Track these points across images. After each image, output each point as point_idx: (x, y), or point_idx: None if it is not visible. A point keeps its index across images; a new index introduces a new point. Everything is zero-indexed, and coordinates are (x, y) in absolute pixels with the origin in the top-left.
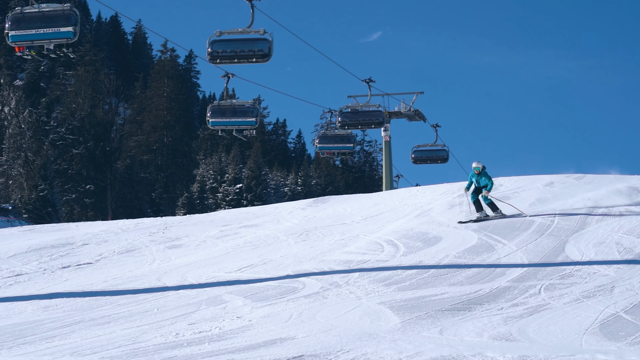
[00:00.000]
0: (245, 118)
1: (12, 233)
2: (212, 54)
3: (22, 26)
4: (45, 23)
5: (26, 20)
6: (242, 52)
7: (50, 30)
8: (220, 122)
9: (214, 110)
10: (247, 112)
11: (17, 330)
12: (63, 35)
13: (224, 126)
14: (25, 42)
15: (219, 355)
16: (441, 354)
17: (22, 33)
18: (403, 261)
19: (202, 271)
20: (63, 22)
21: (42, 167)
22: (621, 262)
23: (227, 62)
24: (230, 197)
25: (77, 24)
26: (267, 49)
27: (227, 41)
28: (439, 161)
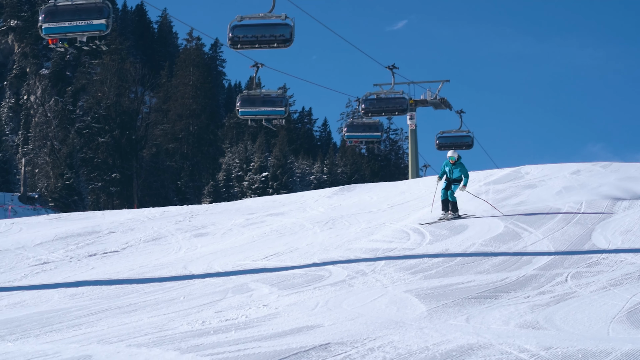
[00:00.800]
0: (274, 107)
1: (38, 221)
2: (233, 39)
3: (56, 19)
4: (78, 16)
5: (59, 13)
6: (263, 37)
7: (83, 22)
8: (249, 111)
9: (243, 100)
10: (276, 101)
11: (44, 318)
12: (96, 27)
13: (254, 116)
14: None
15: (245, 343)
16: (468, 342)
17: (56, 26)
18: (429, 249)
19: (228, 259)
20: (96, 15)
21: (68, 156)
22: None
23: (248, 47)
24: (256, 185)
25: (109, 17)
26: (289, 34)
27: (248, 26)
28: (463, 147)
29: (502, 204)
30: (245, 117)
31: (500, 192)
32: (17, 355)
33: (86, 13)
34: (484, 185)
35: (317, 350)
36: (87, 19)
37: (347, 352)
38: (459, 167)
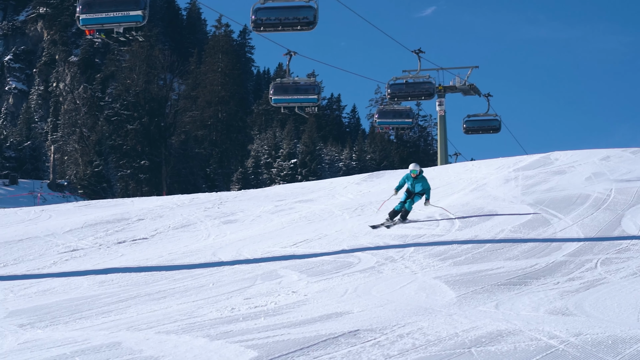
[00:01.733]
0: (307, 95)
1: (67, 209)
2: (256, 21)
3: (93, 10)
4: (115, 7)
5: (97, 4)
6: (287, 20)
7: (119, 14)
8: (282, 99)
9: (276, 87)
10: (309, 89)
11: (74, 305)
12: (132, 19)
13: (286, 103)
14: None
15: (274, 329)
16: (497, 328)
17: (93, 17)
18: (458, 236)
19: (257, 246)
20: (132, 6)
21: (97, 143)
22: None
23: (271, 30)
24: (284, 172)
25: (146, 8)
26: (312, 16)
27: (271, 9)
28: (490, 131)
29: (531, 190)
30: (278, 104)
31: (530, 178)
32: (47, 342)
33: (123, 4)
34: (513, 171)
35: (346, 336)
36: (124, 10)
37: (376, 339)
38: (420, 181)
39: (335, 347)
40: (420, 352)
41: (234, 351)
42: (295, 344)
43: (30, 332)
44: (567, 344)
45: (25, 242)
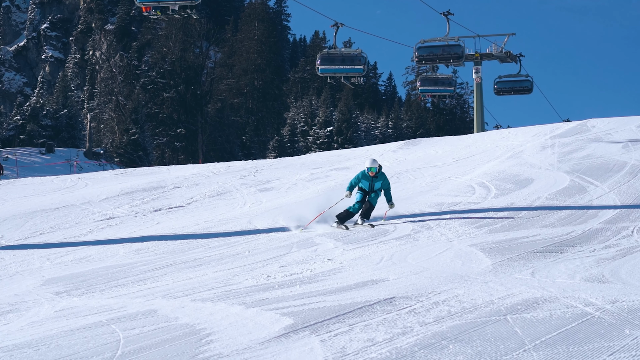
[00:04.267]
0: (353, 66)
1: (103, 177)
2: None
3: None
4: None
5: None
6: None
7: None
8: (329, 69)
9: (323, 58)
10: (355, 59)
11: (110, 272)
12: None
13: (333, 73)
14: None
15: (310, 297)
16: (533, 295)
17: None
18: (494, 203)
19: (292, 214)
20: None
21: (133, 111)
22: None
23: None
24: (320, 140)
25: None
26: None
27: None
28: (522, 92)
29: (567, 157)
30: (325, 74)
31: (566, 146)
32: (83, 309)
33: None
34: (549, 139)
35: (381, 304)
36: None
37: (411, 306)
38: (380, 180)
39: (371, 314)
40: (456, 319)
41: (270, 319)
42: (331, 312)
43: (67, 299)
44: (603, 311)
45: (62, 210)
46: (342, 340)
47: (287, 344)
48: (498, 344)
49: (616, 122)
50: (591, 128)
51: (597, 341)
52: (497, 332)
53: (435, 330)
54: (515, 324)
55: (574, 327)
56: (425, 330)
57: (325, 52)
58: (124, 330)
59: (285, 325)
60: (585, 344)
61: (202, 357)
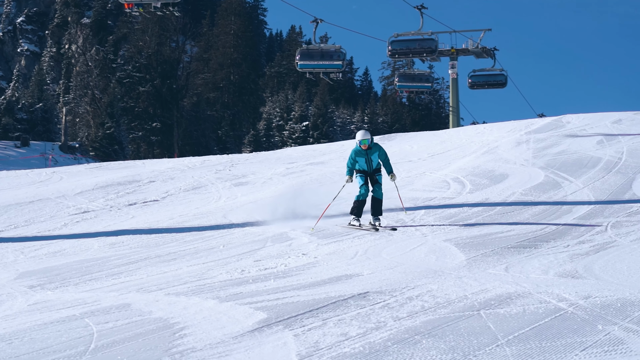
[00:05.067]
0: (332, 61)
1: (79, 170)
2: None
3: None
4: None
5: None
6: None
7: None
8: (308, 64)
9: (302, 53)
10: (334, 55)
11: (84, 266)
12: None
13: (312, 69)
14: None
15: (284, 291)
16: (506, 291)
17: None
18: (469, 198)
19: (268, 209)
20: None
21: (108, 105)
22: None
23: None
24: (296, 134)
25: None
26: None
27: None
28: (496, 86)
29: (542, 153)
30: (304, 69)
31: (541, 142)
32: (57, 303)
33: None
34: (524, 134)
35: (355, 299)
36: None
37: (385, 301)
38: (376, 150)
39: (345, 309)
40: (429, 314)
41: (244, 313)
42: (305, 306)
43: (40, 293)
44: (576, 307)
45: (36, 204)
46: (316, 334)
47: (260, 338)
48: (471, 339)
49: (591, 118)
50: (566, 124)
51: (569, 336)
52: (471, 327)
53: (408, 325)
54: (488, 319)
55: (547, 322)
56: (399, 325)
57: (305, 47)
58: (98, 324)
59: (259, 319)
60: (558, 339)
61: (176, 351)
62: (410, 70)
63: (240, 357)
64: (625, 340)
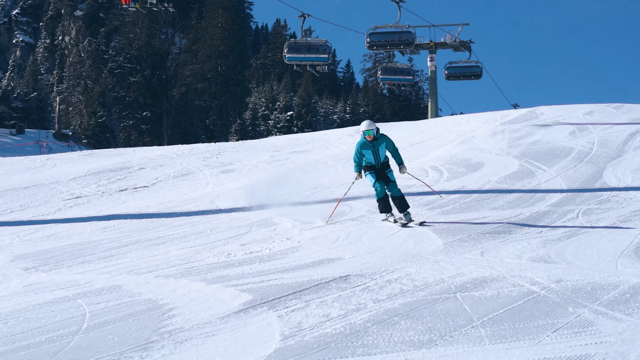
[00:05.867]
0: (318, 54)
1: (72, 157)
2: None
3: None
4: None
5: None
6: None
7: None
8: (295, 57)
9: (290, 47)
10: (320, 49)
11: (77, 249)
12: None
13: (299, 61)
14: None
15: (269, 274)
16: (482, 274)
17: None
18: (446, 186)
19: (253, 195)
20: None
21: (100, 95)
22: None
23: None
24: (281, 124)
25: None
26: None
27: None
28: (472, 77)
29: (517, 142)
30: (292, 62)
31: (516, 132)
32: (50, 285)
33: None
34: (500, 125)
35: (337, 281)
36: None
37: (366, 284)
38: (382, 141)
39: (327, 291)
40: (408, 296)
41: (230, 294)
42: (288, 288)
43: (35, 275)
44: (548, 290)
45: (31, 189)
46: (299, 315)
47: (245, 319)
48: (447, 320)
49: (564, 109)
50: (540, 115)
51: (542, 318)
52: (447, 309)
53: (387, 307)
54: (464, 302)
55: (520, 305)
56: (378, 307)
57: (292, 41)
58: (90, 304)
59: (244, 301)
60: (530, 321)
61: (164, 330)
62: (392, 64)
63: (226, 336)
64: (594, 322)
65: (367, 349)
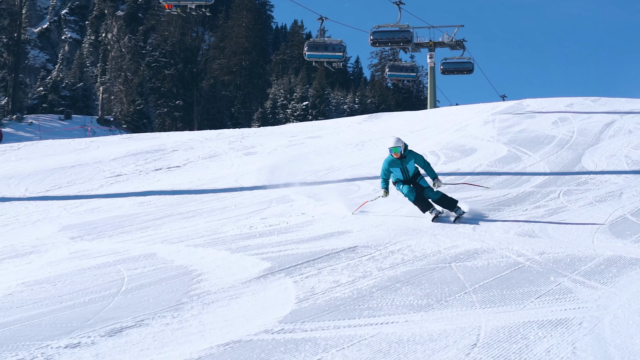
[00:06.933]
0: (334, 52)
1: (113, 140)
2: None
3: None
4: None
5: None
6: None
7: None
8: (314, 55)
9: (310, 45)
10: (336, 47)
11: (117, 221)
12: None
13: (317, 59)
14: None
15: (285, 245)
16: (474, 247)
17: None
18: (443, 168)
19: (273, 175)
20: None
21: (139, 85)
22: (629, 172)
23: None
24: (297, 112)
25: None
26: None
27: None
28: (464, 72)
29: (506, 131)
30: (311, 59)
31: (505, 121)
32: (93, 252)
33: None
34: (491, 115)
35: (346, 251)
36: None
37: (371, 254)
38: (411, 158)
39: (337, 260)
40: (408, 265)
41: (251, 262)
42: (303, 257)
43: (80, 243)
44: (532, 261)
45: (77, 168)
46: (312, 281)
47: (265, 283)
48: (443, 286)
49: (547, 102)
50: (526, 107)
51: (526, 286)
52: (443, 277)
53: (390, 274)
54: (458, 271)
55: (508, 274)
56: (382, 275)
57: (312, 41)
58: (128, 270)
59: (264, 268)
60: (516, 288)
61: (193, 293)
62: (398, 62)
63: (248, 299)
64: (573, 290)
65: (373, 312)
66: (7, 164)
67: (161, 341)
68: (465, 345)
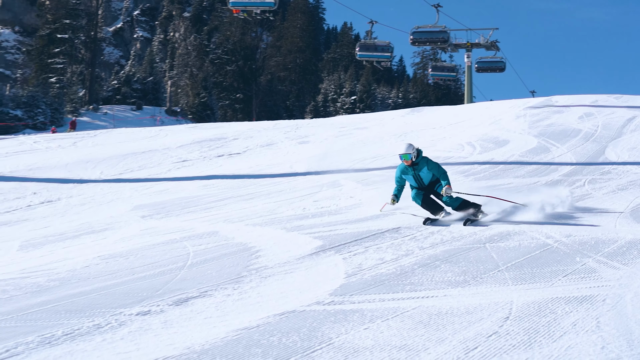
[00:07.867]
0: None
1: (180, 129)
2: None
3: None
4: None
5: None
6: None
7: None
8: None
9: (361, 46)
10: (385, 48)
11: (184, 202)
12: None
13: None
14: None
15: (335, 225)
16: (506, 229)
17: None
18: (479, 158)
19: (324, 161)
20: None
21: (203, 80)
22: None
23: None
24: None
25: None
26: None
27: None
28: (497, 70)
29: (536, 124)
30: (362, 58)
31: (535, 116)
32: (162, 230)
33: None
34: (522, 110)
35: (390, 232)
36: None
37: (413, 234)
38: (424, 165)
39: (382, 239)
40: (447, 245)
41: (304, 240)
42: (351, 236)
43: (150, 221)
44: (560, 243)
45: (147, 154)
46: (359, 258)
47: (317, 259)
48: (478, 265)
49: (574, 98)
50: (555, 102)
51: (554, 265)
52: (478, 256)
53: (430, 253)
54: (492, 251)
55: (537, 254)
56: (423, 253)
57: (363, 42)
58: (193, 245)
59: (316, 245)
60: (545, 267)
61: (252, 267)
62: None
63: (301, 273)
64: (597, 269)
65: (414, 287)
66: (85, 150)
67: (223, 310)
68: (498, 318)
